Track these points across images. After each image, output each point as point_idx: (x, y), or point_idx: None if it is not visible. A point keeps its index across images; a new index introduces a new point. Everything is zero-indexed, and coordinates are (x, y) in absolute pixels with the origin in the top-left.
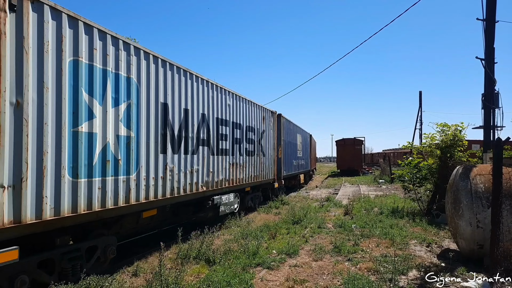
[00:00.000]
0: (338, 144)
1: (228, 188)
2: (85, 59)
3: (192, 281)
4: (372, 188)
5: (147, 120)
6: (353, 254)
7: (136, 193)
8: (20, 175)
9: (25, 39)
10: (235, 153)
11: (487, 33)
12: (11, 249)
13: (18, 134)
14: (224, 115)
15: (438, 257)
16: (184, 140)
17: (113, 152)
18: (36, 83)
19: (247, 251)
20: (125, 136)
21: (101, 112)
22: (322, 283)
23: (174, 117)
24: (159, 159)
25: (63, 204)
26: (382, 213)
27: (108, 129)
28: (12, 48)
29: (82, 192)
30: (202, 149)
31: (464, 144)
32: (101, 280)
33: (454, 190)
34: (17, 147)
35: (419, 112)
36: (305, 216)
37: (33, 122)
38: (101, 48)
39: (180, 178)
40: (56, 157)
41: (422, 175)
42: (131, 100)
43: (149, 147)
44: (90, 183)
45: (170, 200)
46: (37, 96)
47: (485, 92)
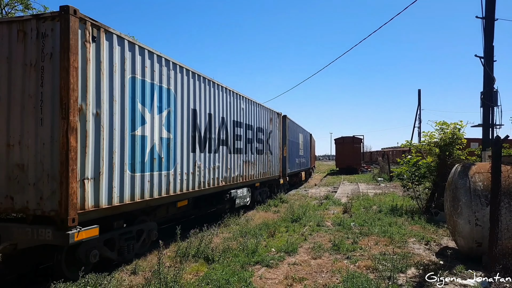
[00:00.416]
0: (337, 142)
1: (241, 183)
2: (139, 76)
3: (191, 279)
4: (371, 186)
5: (181, 124)
6: (352, 252)
7: (173, 186)
8: (99, 169)
9: (102, 63)
10: (248, 152)
11: (486, 31)
12: (94, 227)
13: (97, 137)
14: (238, 118)
15: (436, 255)
16: (208, 140)
17: (158, 151)
18: (108, 97)
19: (246, 249)
20: (166, 138)
21: (150, 118)
22: (321, 281)
23: (201, 121)
24: (190, 157)
25: (125, 193)
26: (381, 211)
27: (155, 132)
28: (93, 70)
29: (137, 184)
30: (222, 148)
31: (463, 142)
32: (100, 278)
33: (453, 188)
34: (96, 147)
35: (418, 110)
36: (304, 214)
37: (106, 128)
38: (150, 65)
39: (205, 174)
40: (121, 156)
41: (421, 173)
42: (170, 107)
43: (182, 147)
44: (142, 177)
45: (197, 193)
46: (109, 107)
47: (484, 90)
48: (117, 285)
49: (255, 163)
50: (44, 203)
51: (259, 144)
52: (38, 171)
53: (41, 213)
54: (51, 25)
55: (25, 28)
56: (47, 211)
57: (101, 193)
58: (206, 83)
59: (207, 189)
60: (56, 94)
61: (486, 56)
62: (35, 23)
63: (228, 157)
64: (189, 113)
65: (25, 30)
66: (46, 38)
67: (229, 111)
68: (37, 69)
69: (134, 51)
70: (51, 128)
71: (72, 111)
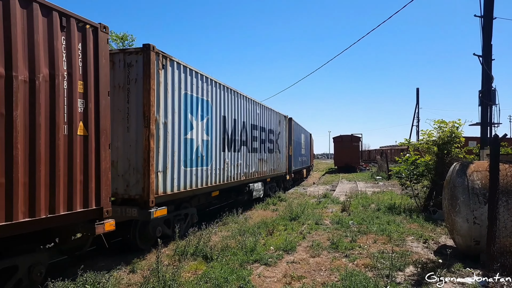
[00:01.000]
0: (336, 141)
1: (257, 178)
2: (189, 91)
3: (189, 278)
4: (369, 185)
5: (215, 128)
6: (350, 251)
7: (210, 179)
8: (166, 165)
9: (168, 84)
10: (262, 151)
11: (484, 30)
12: (164, 208)
13: (165, 141)
14: (255, 121)
15: (435, 253)
16: (233, 141)
17: (201, 151)
18: (171, 109)
19: (245, 247)
20: (206, 140)
21: (196, 125)
22: (319, 279)
23: (229, 125)
24: (221, 155)
25: (180, 183)
26: (379, 210)
27: (198, 135)
28: (163, 90)
29: (188, 177)
30: (243, 148)
31: (461, 140)
32: (98, 277)
33: (451, 186)
34: (164, 148)
35: (416, 109)
36: (303, 212)
37: (170, 133)
38: (196, 82)
39: (231, 169)
40: (178, 154)
41: (419, 172)
42: (208, 115)
43: (216, 147)
44: (191, 171)
45: (225, 185)
46: (171, 117)
47: (482, 89)
48: (115, 284)
49: (267, 161)
50: (130, 189)
51: (270, 144)
52: (125, 166)
53: (128, 197)
54: (135, 58)
55: (113, 59)
56: (133, 195)
57: (167, 183)
58: (232, 93)
59: (232, 182)
60: (140, 109)
61: (485, 54)
62: (122, 55)
63: (247, 156)
64: (220, 119)
65: (113, 60)
66: (131, 67)
67: (248, 116)
68: (124, 90)
69: (186, 73)
70: (135, 133)
71: (151, 121)
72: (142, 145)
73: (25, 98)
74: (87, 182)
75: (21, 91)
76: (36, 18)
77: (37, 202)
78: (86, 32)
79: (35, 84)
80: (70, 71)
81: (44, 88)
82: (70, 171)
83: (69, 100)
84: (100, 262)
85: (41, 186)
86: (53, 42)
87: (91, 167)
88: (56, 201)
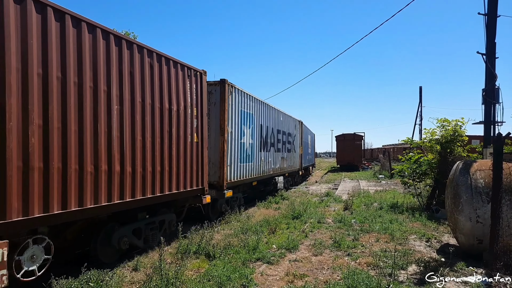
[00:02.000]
0: (338, 139)
1: (279, 173)
2: (243, 108)
3: (192, 276)
4: (371, 183)
5: (256, 134)
6: (352, 249)
7: (252, 172)
8: (231, 161)
9: (232, 105)
10: (283, 151)
11: (488, 27)
12: (230, 191)
13: (231, 144)
14: (279, 127)
15: (437, 252)
16: (266, 144)
17: (249, 151)
18: (234, 122)
19: (247, 246)
20: (251, 143)
21: (246, 132)
22: (322, 277)
23: (264, 131)
24: (259, 154)
25: (237, 175)
26: (382, 208)
27: (247, 140)
28: (229, 109)
29: (241, 170)
30: (271, 149)
31: (464, 139)
32: (102, 275)
33: (454, 185)
34: (231, 150)
35: (419, 107)
36: (305, 211)
37: (234, 139)
38: (245, 101)
39: (264, 165)
40: (235, 154)
41: (422, 171)
42: (252, 124)
43: (257, 148)
44: (243, 166)
45: (260, 177)
46: (234, 128)
47: (486, 87)
48: (118, 281)
49: (286, 159)
50: (210, 177)
51: (289, 145)
52: (208, 162)
53: (209, 183)
54: (214, 88)
55: None
56: (212, 181)
57: (231, 174)
58: (265, 106)
59: (265, 175)
60: (217, 123)
61: (488, 53)
62: None
63: (274, 155)
64: (259, 127)
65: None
66: (211, 94)
67: (275, 123)
68: (208, 110)
69: (241, 95)
70: (214, 140)
71: (225, 131)
72: (219, 148)
73: (175, 121)
74: (198, 171)
75: (174, 117)
76: (176, 72)
77: (179, 181)
78: (197, 76)
79: (179, 112)
80: (191, 102)
81: (182, 114)
82: (191, 163)
83: (191, 120)
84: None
85: (181, 172)
86: (185, 85)
87: (199, 161)
88: (187, 181)
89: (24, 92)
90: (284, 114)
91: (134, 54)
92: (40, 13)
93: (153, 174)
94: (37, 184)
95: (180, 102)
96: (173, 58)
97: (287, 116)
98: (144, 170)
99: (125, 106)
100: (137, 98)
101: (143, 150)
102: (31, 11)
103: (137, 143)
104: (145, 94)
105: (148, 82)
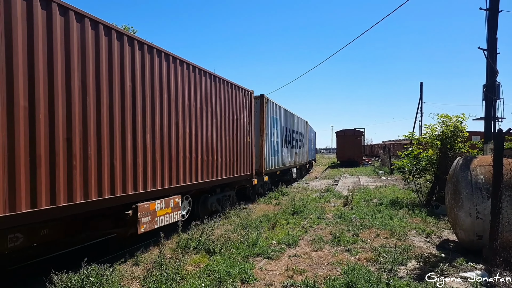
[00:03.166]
0: (338, 135)
1: (293, 165)
2: (273, 114)
3: (192, 271)
4: (371, 179)
5: (280, 134)
6: (352, 245)
7: (278, 164)
8: (266, 154)
9: (267, 112)
10: (296, 147)
11: (490, 23)
12: (267, 176)
13: (267, 142)
14: (293, 127)
15: (437, 248)
16: (286, 141)
17: (276, 147)
18: (268, 125)
19: (247, 241)
20: (277, 141)
21: (274, 132)
22: (321, 273)
23: (284, 131)
24: (281, 150)
25: (269, 165)
26: (382, 204)
27: (275, 138)
28: (266, 115)
29: (271, 162)
30: (289, 145)
31: (464, 135)
32: (102, 270)
33: (454, 181)
34: (266, 146)
35: (419, 103)
36: (305, 206)
37: (268, 138)
38: (274, 108)
39: (284, 158)
40: (268, 149)
41: (422, 166)
42: (278, 126)
43: (280, 145)
44: (272, 159)
45: (282, 168)
46: (267, 129)
47: (486, 83)
48: (119, 276)
49: (298, 154)
50: (255, 166)
51: (300, 142)
52: (246, 155)
53: None
54: (256, 101)
55: None
56: (255, 169)
57: (266, 164)
58: (285, 111)
59: (284, 167)
60: (258, 127)
61: (490, 48)
62: None
63: (291, 150)
64: (281, 128)
65: None
66: (253, 105)
67: (291, 124)
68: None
69: (272, 104)
70: (256, 138)
71: (263, 132)
72: (259, 144)
73: (239, 127)
74: (249, 161)
75: (239, 124)
76: (239, 93)
77: (240, 168)
78: (249, 94)
79: (240, 121)
80: (246, 113)
81: (241, 122)
82: (246, 156)
83: (246, 126)
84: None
85: (241, 162)
86: (243, 101)
87: (251, 155)
88: (243, 169)
89: None
90: (297, 117)
91: (224, 87)
92: None
93: (228, 163)
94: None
95: (240, 113)
96: (239, 85)
97: (298, 118)
98: (224, 160)
99: (220, 119)
100: (224, 114)
101: (226, 147)
102: None
103: (223, 143)
104: (226, 111)
105: (228, 103)
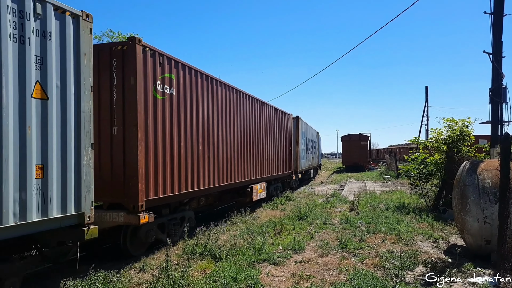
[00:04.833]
0: (344, 140)
1: (310, 167)
2: (301, 129)
3: (198, 277)
4: (378, 184)
5: (305, 143)
6: (359, 250)
7: (303, 166)
8: (299, 158)
9: (299, 128)
10: (311, 153)
11: (495, 26)
12: (299, 174)
13: (301, 151)
14: (311, 137)
15: (444, 253)
16: (307, 149)
17: (303, 153)
18: (301, 139)
19: (253, 247)
20: (303, 149)
21: (302, 142)
22: (328, 278)
23: (307, 141)
24: (305, 155)
25: (301, 166)
26: (388, 209)
27: (303, 147)
28: (299, 132)
29: (301, 164)
30: (309, 151)
31: (471, 139)
32: (109, 276)
33: (461, 185)
34: (301, 154)
35: (425, 107)
36: (311, 212)
37: (301, 148)
38: (303, 124)
39: (306, 162)
40: (300, 155)
41: (428, 171)
42: (304, 137)
43: (304, 151)
44: (302, 161)
45: (305, 169)
46: (300, 141)
47: (492, 87)
48: (125, 282)
49: (313, 158)
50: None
51: (313, 149)
52: (289, 159)
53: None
54: (293, 120)
55: None
56: (292, 170)
57: (300, 165)
58: (307, 126)
59: (307, 167)
60: (295, 139)
61: (495, 52)
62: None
63: (309, 156)
64: (305, 139)
65: None
66: (292, 123)
67: (310, 134)
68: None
69: (302, 122)
70: (293, 147)
71: (298, 143)
72: (295, 151)
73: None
74: (290, 163)
75: (286, 138)
76: (286, 117)
77: (285, 167)
78: (290, 116)
79: (286, 135)
80: (289, 130)
81: (287, 137)
82: (289, 159)
83: (289, 139)
84: (110, 262)
85: (285, 163)
86: (287, 122)
87: (291, 158)
88: (287, 168)
89: None
90: (313, 129)
91: (278, 113)
92: None
93: (281, 164)
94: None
95: (286, 130)
96: (285, 111)
97: (313, 129)
98: (279, 162)
99: (278, 136)
100: (277, 131)
101: (280, 154)
102: None
103: (279, 151)
104: (279, 129)
105: (280, 124)
